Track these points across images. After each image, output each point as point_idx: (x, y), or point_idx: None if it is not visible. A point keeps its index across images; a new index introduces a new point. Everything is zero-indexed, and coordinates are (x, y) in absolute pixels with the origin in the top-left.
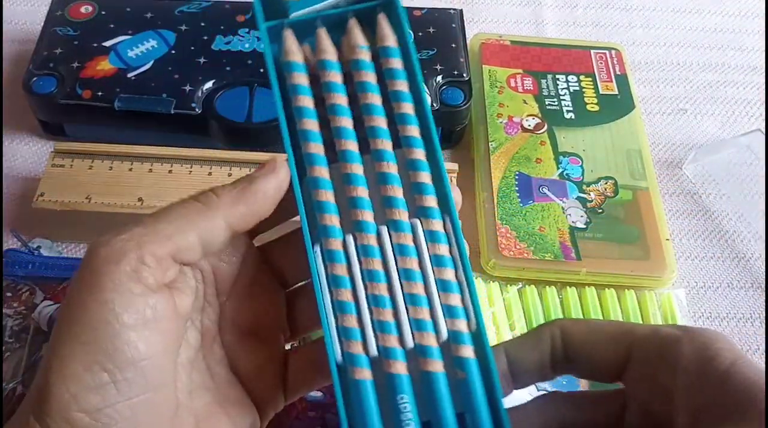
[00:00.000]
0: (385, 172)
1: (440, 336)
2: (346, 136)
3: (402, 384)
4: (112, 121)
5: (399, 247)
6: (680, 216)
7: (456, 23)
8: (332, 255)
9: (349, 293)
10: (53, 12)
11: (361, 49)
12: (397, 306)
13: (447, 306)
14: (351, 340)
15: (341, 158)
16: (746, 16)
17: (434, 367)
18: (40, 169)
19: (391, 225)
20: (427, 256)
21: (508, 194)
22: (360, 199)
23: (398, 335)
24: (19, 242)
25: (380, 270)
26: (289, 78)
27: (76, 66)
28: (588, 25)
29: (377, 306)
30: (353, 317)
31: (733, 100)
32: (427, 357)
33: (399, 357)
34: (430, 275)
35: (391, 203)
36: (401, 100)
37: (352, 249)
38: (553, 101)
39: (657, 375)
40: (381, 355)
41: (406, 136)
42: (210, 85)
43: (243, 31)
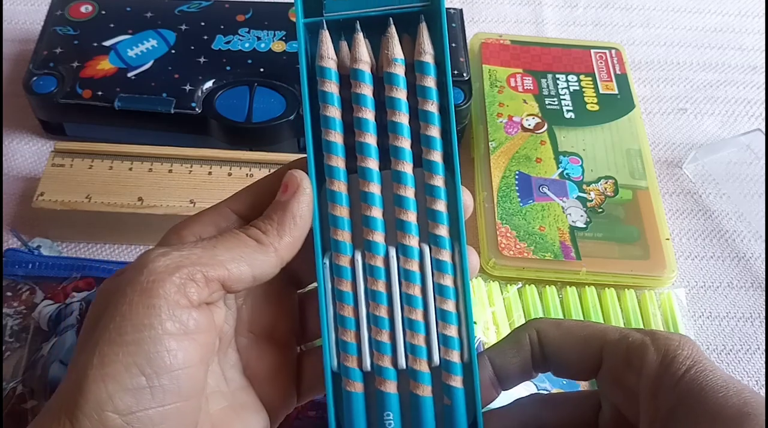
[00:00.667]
0: (401, 196)
1: (432, 362)
2: (368, 153)
3: (390, 402)
4: (112, 121)
5: (405, 272)
6: (680, 215)
7: (456, 23)
8: (340, 270)
9: (351, 309)
10: (53, 11)
11: (397, 62)
12: (395, 329)
13: (443, 336)
14: (347, 354)
15: (361, 174)
16: (746, 16)
17: (423, 391)
18: (40, 168)
19: (400, 248)
20: (431, 285)
21: (508, 194)
22: (373, 219)
23: (392, 356)
24: (19, 242)
25: (384, 291)
26: (321, 84)
27: (76, 65)
28: (588, 24)
29: (376, 326)
30: (352, 332)
31: (733, 99)
32: (418, 381)
33: (390, 377)
34: (430, 304)
35: (403, 227)
36: (429, 121)
37: (360, 267)
38: (553, 101)
39: (624, 379)
40: (374, 372)
41: (429, 160)
42: (210, 85)
43: (243, 31)
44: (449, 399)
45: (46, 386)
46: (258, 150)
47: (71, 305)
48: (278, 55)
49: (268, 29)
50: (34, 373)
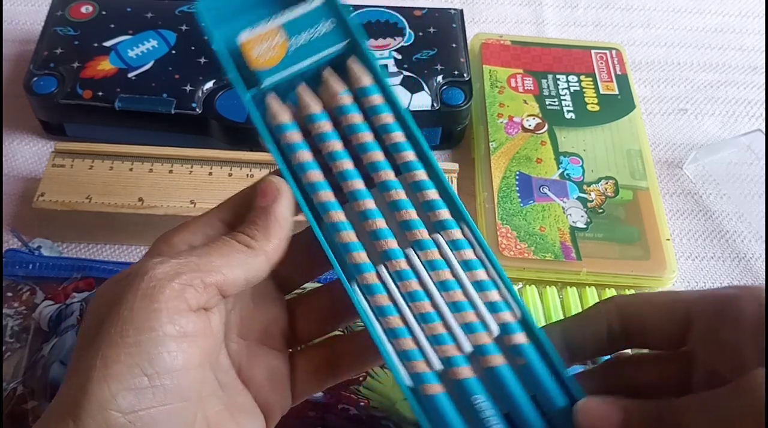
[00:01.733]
0: (395, 200)
1: (492, 332)
2: (350, 177)
3: (473, 386)
4: (113, 121)
5: (429, 264)
6: (681, 216)
7: (456, 23)
8: (371, 288)
9: (397, 319)
10: (54, 12)
11: (342, 95)
12: (445, 317)
13: (489, 304)
14: (413, 361)
15: (351, 198)
16: (746, 16)
17: (495, 362)
18: (41, 169)
19: (415, 245)
20: (457, 264)
21: (509, 194)
22: (381, 230)
23: (455, 343)
24: (19, 242)
25: (419, 289)
26: (283, 139)
27: (76, 66)
28: (588, 25)
29: (427, 322)
30: (408, 339)
31: (734, 99)
32: (487, 354)
33: (462, 363)
34: (465, 280)
35: (409, 226)
36: (390, 130)
37: (387, 277)
38: (554, 101)
39: (719, 333)
40: (445, 366)
41: (405, 162)
42: (210, 85)
43: None
44: (522, 358)
45: (46, 386)
46: (258, 150)
47: (72, 305)
48: None
49: None
50: (34, 374)
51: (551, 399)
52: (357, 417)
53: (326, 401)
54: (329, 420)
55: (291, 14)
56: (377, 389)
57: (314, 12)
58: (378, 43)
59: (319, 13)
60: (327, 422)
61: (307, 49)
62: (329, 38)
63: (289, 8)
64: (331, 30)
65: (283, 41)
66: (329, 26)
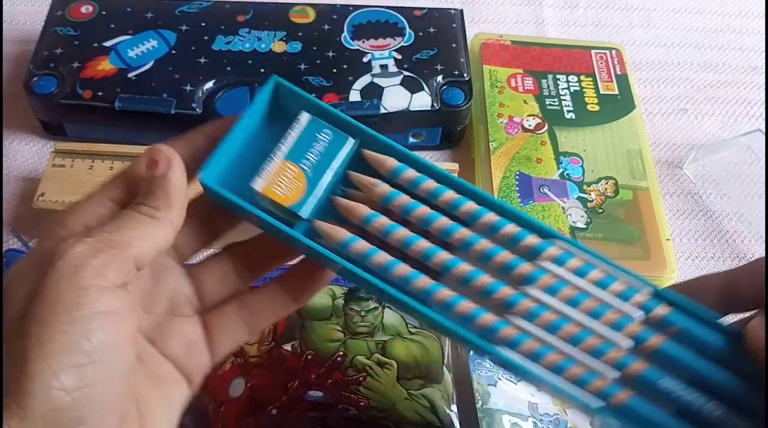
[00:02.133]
0: (484, 251)
1: (638, 318)
2: (433, 253)
3: (651, 375)
4: (113, 121)
5: (549, 291)
6: (681, 216)
7: (456, 23)
8: (514, 341)
9: (555, 355)
10: (54, 12)
11: (378, 187)
12: (592, 329)
13: (619, 296)
14: (591, 383)
15: (445, 271)
16: (746, 16)
17: (655, 343)
18: (41, 169)
19: (526, 282)
20: (572, 277)
21: (509, 194)
22: (490, 285)
23: (614, 347)
24: (19, 242)
25: (555, 318)
26: (352, 253)
27: (76, 66)
28: (588, 25)
29: (580, 342)
30: (575, 367)
31: (734, 100)
32: (645, 341)
33: (631, 361)
34: (587, 287)
35: (511, 267)
36: (439, 194)
37: (522, 323)
38: (554, 101)
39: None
40: (619, 370)
41: (469, 214)
42: (210, 85)
43: (243, 31)
44: (673, 326)
45: None
46: None
47: None
48: (279, 56)
49: (268, 30)
50: None
51: (715, 346)
52: (357, 417)
53: (326, 401)
54: (329, 420)
55: (288, 144)
56: (377, 389)
57: (307, 131)
58: (378, 43)
59: (312, 129)
60: (327, 422)
61: (322, 164)
62: (335, 144)
63: (282, 139)
64: (332, 137)
65: (297, 169)
66: (328, 135)
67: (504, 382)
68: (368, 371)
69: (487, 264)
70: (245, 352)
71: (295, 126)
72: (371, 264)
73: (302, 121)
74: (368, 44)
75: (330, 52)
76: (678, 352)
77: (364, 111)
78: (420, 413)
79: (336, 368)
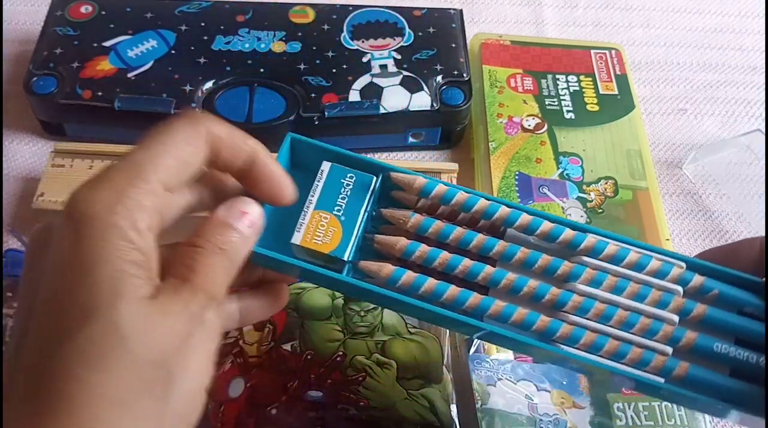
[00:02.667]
0: (524, 258)
1: (678, 292)
2: (479, 270)
3: (704, 342)
4: (112, 121)
5: (594, 283)
6: (680, 216)
7: (456, 23)
8: (573, 338)
9: (612, 343)
10: (53, 12)
11: (413, 217)
12: (641, 310)
13: (657, 274)
14: (652, 362)
15: (493, 285)
16: (746, 16)
17: (701, 311)
18: (40, 169)
19: (572, 279)
20: (611, 266)
21: (509, 194)
22: (539, 288)
23: (664, 323)
24: (19, 242)
25: (605, 306)
26: (402, 286)
27: (76, 66)
28: (588, 25)
29: (633, 326)
30: (634, 350)
31: (733, 99)
32: (691, 312)
33: (684, 333)
34: (627, 273)
35: (553, 268)
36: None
37: (576, 319)
38: (553, 101)
39: None
40: (674, 345)
41: (504, 220)
42: (210, 85)
43: (243, 31)
44: (711, 292)
45: None
46: None
47: None
48: (278, 56)
49: (268, 30)
50: None
51: (753, 303)
52: (357, 417)
53: (326, 401)
54: (329, 420)
55: (315, 195)
56: (377, 389)
57: (330, 179)
58: (377, 43)
59: (336, 176)
60: (327, 422)
61: (354, 207)
62: (360, 185)
63: (311, 191)
64: (356, 179)
65: (330, 216)
66: (352, 178)
67: (504, 382)
68: (368, 371)
69: (531, 270)
70: (245, 352)
71: (320, 176)
72: (422, 293)
73: (325, 170)
74: (368, 44)
75: (329, 52)
76: (723, 316)
77: (363, 111)
78: (419, 413)
79: (335, 368)
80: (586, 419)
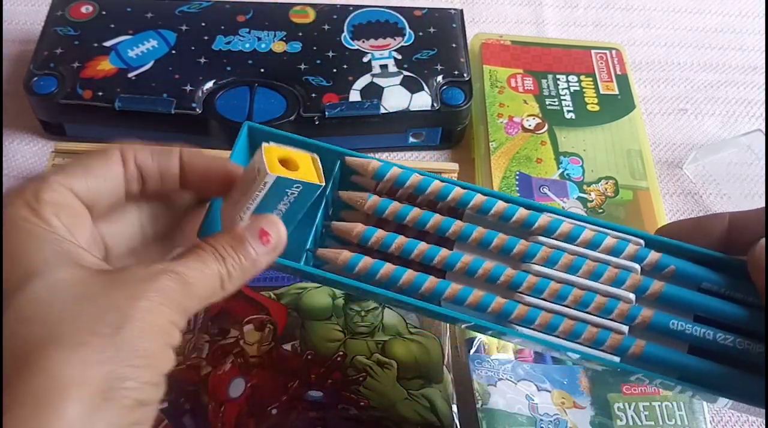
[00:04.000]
0: (480, 238)
1: (635, 269)
2: (434, 254)
3: (661, 319)
4: (113, 121)
5: (549, 263)
6: (681, 216)
7: (456, 23)
8: (529, 318)
9: (568, 322)
10: (54, 12)
11: (370, 199)
12: (597, 289)
13: (614, 251)
14: (607, 341)
15: (448, 268)
16: (747, 16)
17: (658, 288)
18: (41, 168)
19: (526, 258)
20: (566, 244)
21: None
22: (494, 269)
23: (621, 301)
24: None
25: (560, 286)
26: (360, 271)
27: (76, 66)
28: (588, 25)
29: (588, 305)
30: (590, 329)
31: (734, 99)
32: (648, 289)
33: (639, 311)
34: (583, 251)
35: (509, 247)
36: (426, 186)
37: (531, 299)
38: (554, 101)
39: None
40: (629, 323)
41: (459, 200)
42: (210, 85)
43: (243, 31)
44: (668, 267)
45: None
46: None
47: None
48: (279, 56)
49: (268, 30)
50: None
51: (711, 279)
52: (357, 417)
53: (326, 401)
54: (329, 420)
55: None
56: (377, 389)
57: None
58: (378, 43)
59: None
60: (327, 422)
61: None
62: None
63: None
64: (302, 189)
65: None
66: (297, 189)
67: (504, 382)
68: (368, 371)
69: (487, 250)
70: (245, 352)
71: (261, 186)
72: (379, 278)
73: (269, 181)
74: (368, 44)
75: (330, 52)
76: (679, 292)
77: (364, 111)
78: (420, 413)
79: (336, 368)
80: (586, 419)
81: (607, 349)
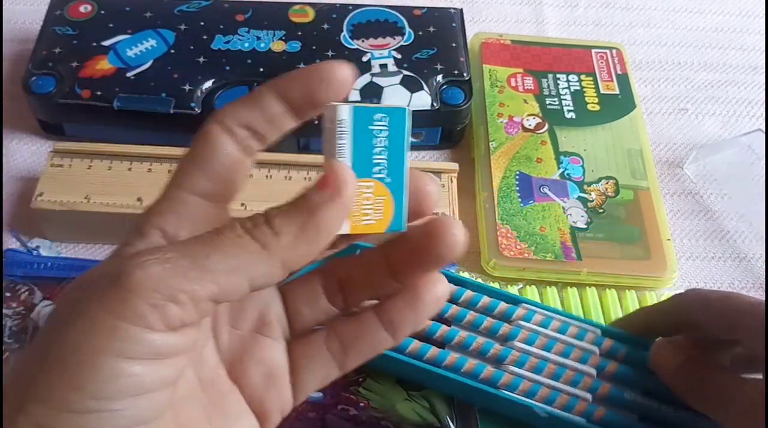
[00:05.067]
0: (472, 321)
1: (595, 352)
2: (435, 329)
3: (616, 392)
4: (112, 121)
5: (528, 341)
6: (681, 216)
7: (456, 22)
8: (513, 385)
9: (544, 390)
10: (52, 11)
11: None
12: (566, 364)
13: (577, 337)
14: (575, 407)
15: (447, 341)
16: (747, 16)
17: (613, 368)
18: (39, 168)
19: (510, 338)
20: (540, 329)
21: (509, 194)
22: (485, 344)
23: (585, 375)
24: (18, 242)
25: (539, 361)
26: None
27: (75, 65)
28: (589, 24)
29: (560, 377)
30: (562, 396)
31: (734, 99)
32: (605, 368)
33: (599, 384)
34: (554, 335)
35: (495, 329)
36: None
37: (515, 370)
38: (554, 101)
39: None
40: (592, 393)
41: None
42: (209, 85)
43: (243, 31)
44: (619, 353)
45: None
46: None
47: None
48: (278, 55)
49: (267, 29)
50: None
51: None
52: (357, 418)
53: (326, 402)
54: (329, 420)
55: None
56: (377, 390)
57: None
58: (377, 42)
59: (362, 123)
60: (327, 422)
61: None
62: (395, 126)
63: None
64: (389, 119)
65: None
66: (384, 119)
67: None
68: (368, 371)
69: (478, 330)
70: None
71: (340, 128)
72: None
73: (345, 118)
74: (368, 43)
75: (329, 52)
76: (628, 372)
77: None
78: (420, 414)
79: None
80: None
81: (576, 413)
